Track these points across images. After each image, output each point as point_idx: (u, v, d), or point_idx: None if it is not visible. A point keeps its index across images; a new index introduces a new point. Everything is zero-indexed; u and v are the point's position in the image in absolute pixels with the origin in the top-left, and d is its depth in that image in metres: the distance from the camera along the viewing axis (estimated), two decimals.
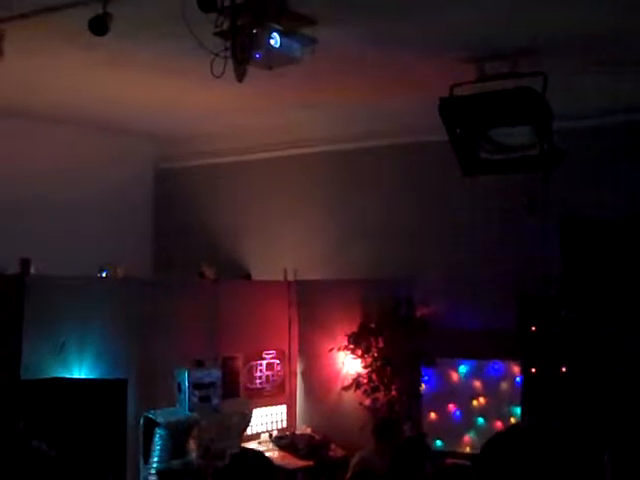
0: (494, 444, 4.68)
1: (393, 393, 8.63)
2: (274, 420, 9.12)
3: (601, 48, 6.77)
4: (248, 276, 10.09)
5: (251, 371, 8.89)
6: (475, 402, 8.64)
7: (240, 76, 5.45)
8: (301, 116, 9.17)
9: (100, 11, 5.58)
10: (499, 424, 8.38)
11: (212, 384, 7.44)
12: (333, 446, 8.78)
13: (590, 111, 8.09)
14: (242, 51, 5.33)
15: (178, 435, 7.07)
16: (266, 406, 8.98)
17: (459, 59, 6.93)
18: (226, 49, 5.44)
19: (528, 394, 7.89)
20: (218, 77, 5.39)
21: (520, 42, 6.65)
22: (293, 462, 8.45)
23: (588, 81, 7.48)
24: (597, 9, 5.91)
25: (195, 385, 7.30)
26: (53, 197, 9.45)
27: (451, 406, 8.74)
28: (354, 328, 8.87)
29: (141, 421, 7.05)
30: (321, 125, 9.45)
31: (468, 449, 8.53)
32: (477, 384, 8.66)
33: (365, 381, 8.75)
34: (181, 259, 10.31)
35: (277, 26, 5.55)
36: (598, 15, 6.03)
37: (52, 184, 9.47)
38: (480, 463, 4.62)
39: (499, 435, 4.78)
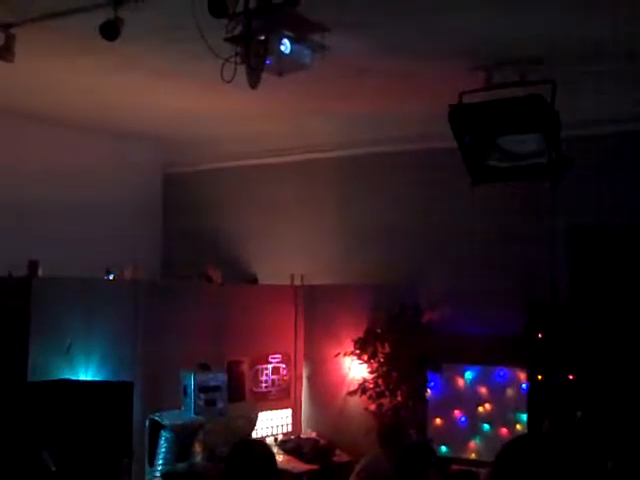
0: (515, 447, 4.67)
1: (399, 398, 8.63)
2: (279, 424, 9.13)
3: (608, 57, 6.76)
4: (255, 280, 10.09)
5: (257, 375, 8.90)
6: (481, 408, 8.62)
7: (254, 83, 5.45)
8: (309, 122, 9.18)
9: (111, 16, 5.60)
10: (504, 431, 8.37)
11: (218, 387, 7.44)
12: (338, 451, 8.78)
13: (598, 119, 8.09)
14: (255, 57, 5.34)
15: (184, 438, 7.07)
16: (271, 410, 8.99)
17: (468, 67, 6.93)
18: (236, 54, 5.45)
19: (534, 401, 7.88)
20: (228, 82, 5.39)
21: (529, 50, 6.65)
22: (298, 466, 8.46)
23: (596, 89, 7.48)
24: (604, 18, 5.91)
25: (201, 388, 7.30)
26: (61, 200, 9.47)
27: (457, 412, 8.73)
28: (360, 333, 8.87)
29: (147, 424, 7.07)
30: (329, 131, 9.46)
31: (473, 455, 8.52)
32: (483, 390, 8.65)
33: (371, 386, 8.75)
34: (188, 263, 10.32)
35: (288, 32, 5.56)
36: (605, 24, 6.02)
37: (61, 187, 9.50)
38: (501, 466, 4.59)
39: (520, 438, 4.76)
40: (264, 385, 8.98)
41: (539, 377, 7.87)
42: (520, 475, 3.83)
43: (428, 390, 8.74)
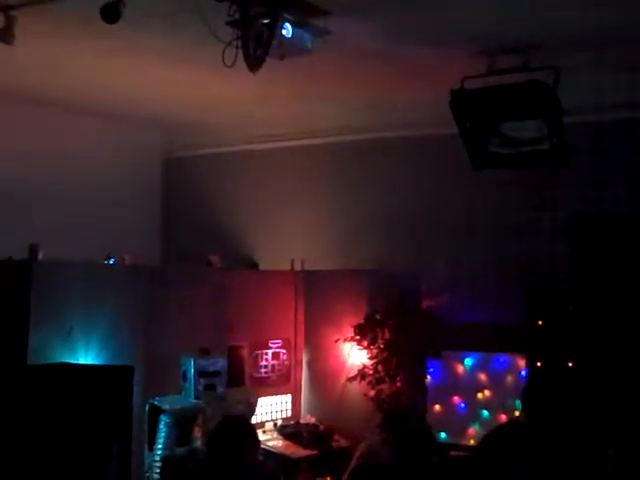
0: (493, 437, 4.66)
1: (398, 385, 8.64)
2: (279, 409, 9.13)
3: (611, 43, 6.74)
4: (255, 265, 10.09)
5: (257, 360, 8.90)
6: (480, 395, 8.63)
7: (254, 67, 5.43)
8: (310, 107, 9.15)
9: None
10: (504, 417, 8.37)
11: (217, 372, 7.45)
12: (337, 436, 8.79)
13: (599, 105, 8.06)
14: (258, 42, 5.32)
15: (183, 423, 7.09)
16: (271, 395, 9.00)
17: (471, 52, 6.90)
18: (238, 38, 5.44)
19: (532, 388, 7.89)
20: (230, 66, 5.38)
21: (532, 36, 6.63)
22: (297, 451, 8.48)
23: (597, 76, 7.46)
24: (607, 4, 5.89)
25: (201, 373, 7.32)
26: (61, 184, 9.45)
27: (456, 398, 8.74)
28: (360, 319, 8.88)
29: (146, 408, 7.08)
30: (330, 116, 9.43)
31: (472, 442, 8.51)
32: (482, 377, 8.65)
33: (370, 372, 8.76)
34: (189, 247, 10.30)
35: (289, 16, 5.54)
36: (608, 10, 6.01)
37: (61, 171, 9.47)
38: (480, 456, 4.57)
39: (499, 428, 4.78)
40: (264, 370, 8.99)
41: (538, 364, 7.88)
42: (502, 460, 3.85)
43: (427, 376, 8.75)
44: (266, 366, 9.02)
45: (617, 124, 8.11)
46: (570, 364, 7.64)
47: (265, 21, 5.40)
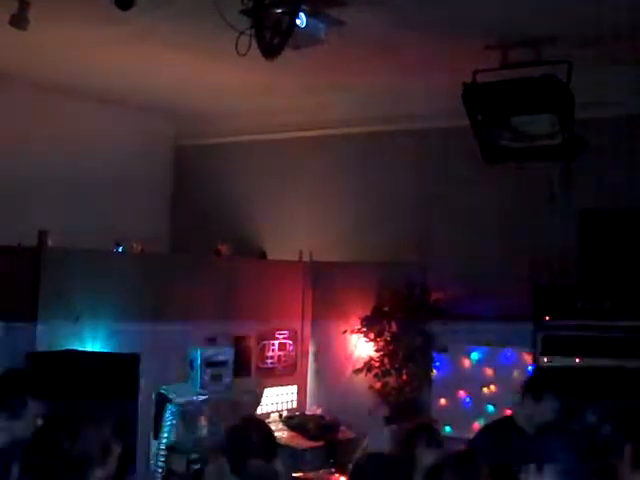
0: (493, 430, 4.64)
1: (404, 378, 8.64)
2: (284, 400, 9.14)
3: (621, 38, 6.71)
4: (263, 255, 10.08)
5: (263, 350, 8.91)
6: (486, 389, 8.61)
7: (271, 56, 5.41)
8: (322, 97, 9.12)
9: None
10: (509, 412, 8.35)
11: (224, 362, 7.45)
12: (342, 428, 8.80)
13: (611, 100, 8.04)
14: (275, 31, 5.30)
15: (189, 412, 7.10)
16: (277, 386, 9.00)
17: (483, 45, 6.89)
18: (251, 27, 5.42)
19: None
20: (243, 55, 5.37)
21: (545, 30, 6.60)
22: (302, 442, 8.48)
23: (610, 70, 7.43)
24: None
25: (207, 363, 7.32)
26: (72, 171, 9.43)
27: (461, 392, 8.72)
28: (367, 311, 8.87)
29: (153, 397, 7.09)
30: (342, 107, 9.40)
31: None
32: (488, 371, 8.63)
33: (376, 365, 8.76)
34: (198, 236, 10.29)
35: (304, 6, 5.52)
36: (620, 4, 5.98)
37: (71, 158, 9.45)
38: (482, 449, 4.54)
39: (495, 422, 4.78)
40: (270, 361, 8.99)
41: (545, 360, 7.86)
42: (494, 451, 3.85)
43: (434, 370, 8.74)
44: (272, 357, 9.02)
45: (630, 118, 8.08)
46: (577, 360, 7.62)
47: (279, 10, 5.38)
